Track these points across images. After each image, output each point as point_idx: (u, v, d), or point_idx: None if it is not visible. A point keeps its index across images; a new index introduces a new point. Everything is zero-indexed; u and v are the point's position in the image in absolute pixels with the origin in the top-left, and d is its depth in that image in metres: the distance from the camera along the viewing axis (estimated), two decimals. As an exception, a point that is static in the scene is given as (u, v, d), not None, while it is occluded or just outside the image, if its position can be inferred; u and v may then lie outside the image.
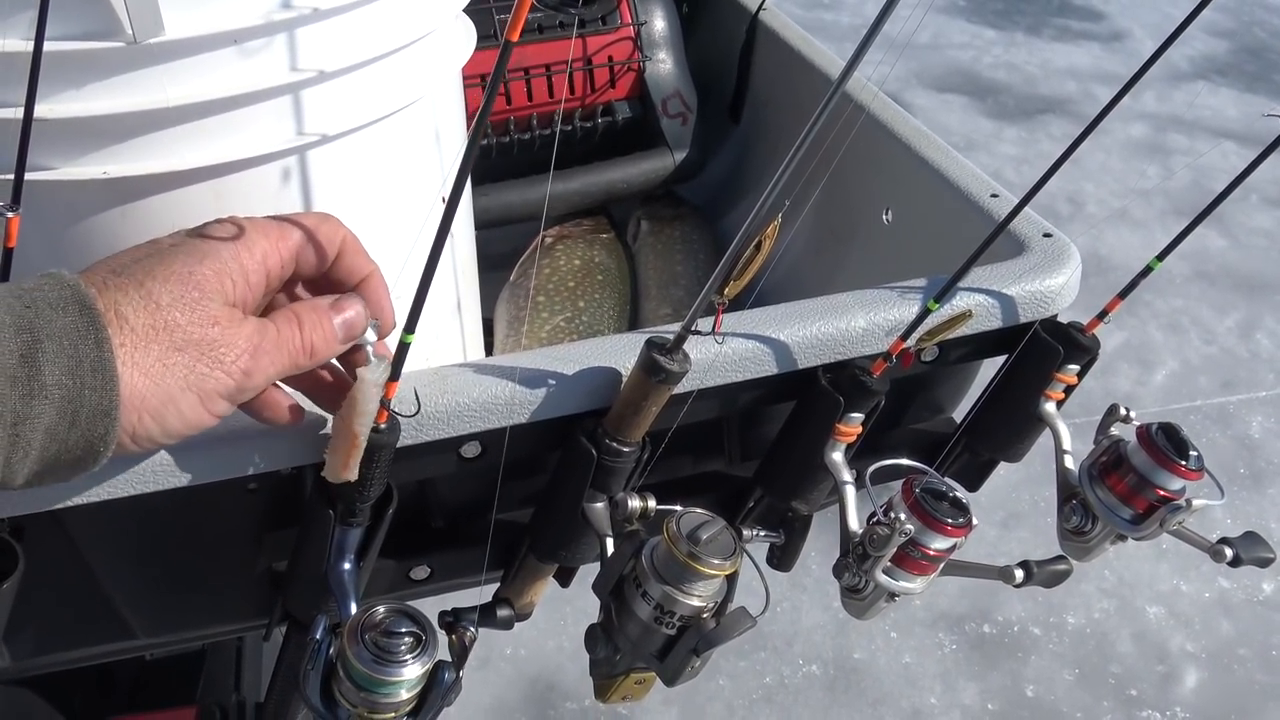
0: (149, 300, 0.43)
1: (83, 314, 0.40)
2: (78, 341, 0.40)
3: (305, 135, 0.55)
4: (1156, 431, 0.62)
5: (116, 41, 0.48)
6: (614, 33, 1.04)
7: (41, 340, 0.39)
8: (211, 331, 0.44)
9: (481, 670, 1.72)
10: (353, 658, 0.50)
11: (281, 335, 0.47)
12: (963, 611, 1.89)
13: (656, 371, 0.55)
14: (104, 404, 0.41)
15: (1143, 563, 2.00)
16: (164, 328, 0.43)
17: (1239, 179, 0.59)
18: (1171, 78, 3.88)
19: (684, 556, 0.53)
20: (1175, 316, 2.65)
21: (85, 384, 0.40)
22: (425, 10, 0.60)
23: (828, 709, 1.73)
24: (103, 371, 0.41)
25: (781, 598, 1.89)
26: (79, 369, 0.40)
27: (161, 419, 0.44)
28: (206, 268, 0.44)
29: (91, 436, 0.41)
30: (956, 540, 0.59)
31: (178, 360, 0.43)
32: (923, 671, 1.79)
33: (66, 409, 0.40)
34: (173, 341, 0.43)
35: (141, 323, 0.42)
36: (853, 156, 0.92)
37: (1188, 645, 1.86)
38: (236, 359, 0.45)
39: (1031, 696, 1.76)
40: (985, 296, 0.67)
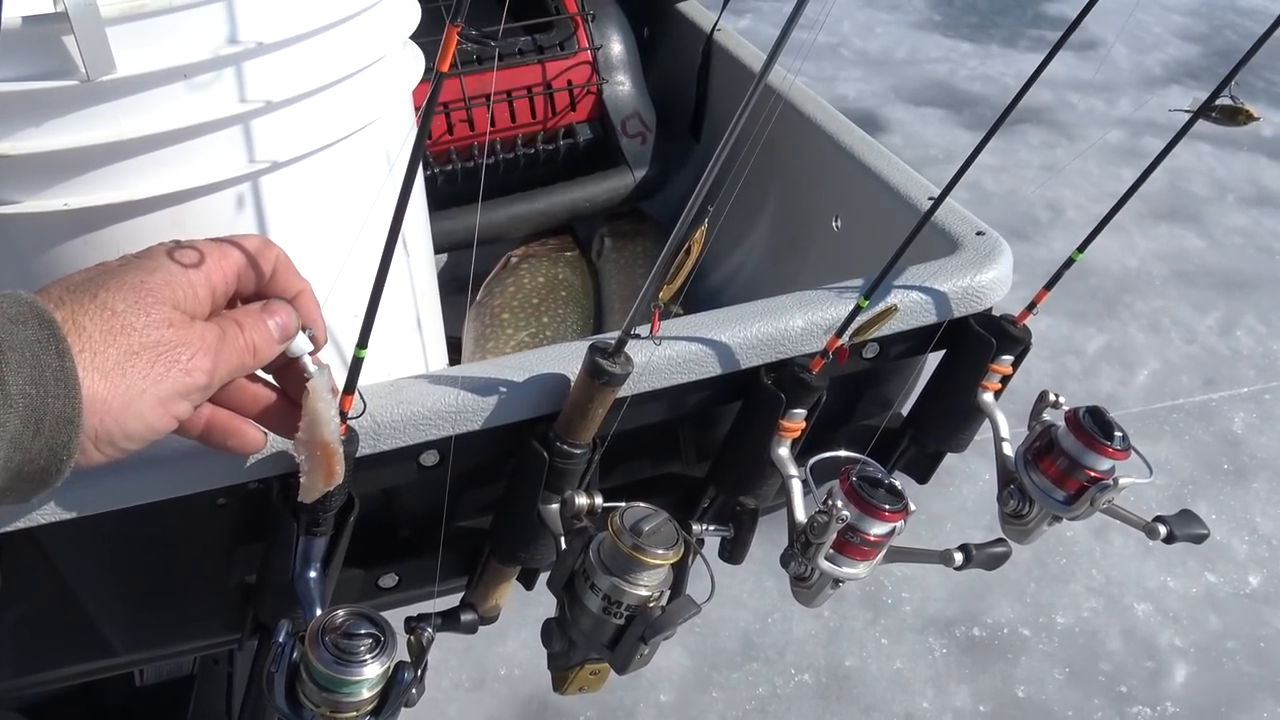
0: (104, 308, 0.45)
1: (42, 326, 0.42)
2: (39, 352, 0.42)
3: (257, 162, 0.58)
4: (1084, 415, 0.64)
5: (71, 80, 0.51)
6: (572, 57, 1.08)
7: (4, 352, 0.41)
8: (166, 333, 0.46)
9: (476, 691, 1.73)
10: (314, 659, 0.52)
11: (227, 335, 0.49)
12: (952, 615, 1.91)
13: (600, 374, 0.58)
14: (67, 411, 0.43)
15: (1130, 560, 2.01)
16: (120, 331, 0.45)
17: (1146, 172, 0.62)
18: (1145, 83, 3.93)
19: (628, 548, 0.55)
20: (1156, 317, 2.68)
21: (48, 392, 0.42)
22: (370, 40, 0.64)
23: (821, 717, 1.74)
24: (64, 380, 0.42)
25: (773, 608, 1.90)
26: (41, 378, 0.42)
27: (122, 421, 0.45)
28: (157, 278, 0.47)
29: (55, 444, 0.43)
30: (894, 525, 0.61)
31: (135, 363, 0.45)
32: (914, 676, 1.81)
33: (30, 417, 0.41)
34: (129, 345, 0.45)
35: (98, 329, 0.44)
36: (802, 168, 0.95)
37: (1176, 640, 1.87)
38: (191, 358, 0.47)
39: (1023, 697, 1.77)
40: (920, 293, 0.69)
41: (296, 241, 0.64)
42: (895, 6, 4.52)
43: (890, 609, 1.91)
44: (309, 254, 0.65)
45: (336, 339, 0.69)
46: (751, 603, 1.90)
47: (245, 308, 0.52)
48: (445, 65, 0.43)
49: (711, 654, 1.81)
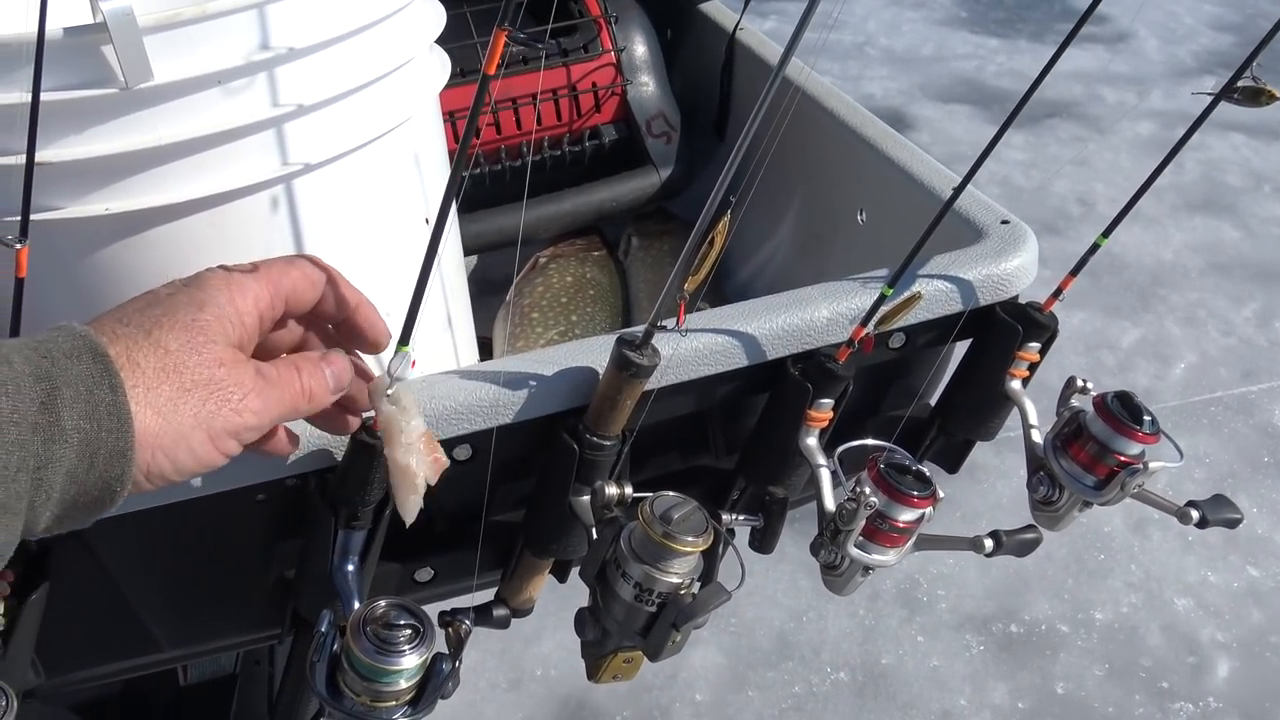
0: (158, 346, 0.46)
1: (96, 361, 0.43)
2: (93, 387, 0.43)
3: (290, 165, 0.60)
4: (1112, 400, 0.64)
5: (110, 89, 0.53)
6: (596, 59, 1.09)
7: (59, 387, 0.42)
8: (218, 373, 0.47)
9: (513, 692, 1.74)
10: (356, 649, 0.53)
11: (283, 379, 0.50)
12: (989, 612, 1.90)
13: (627, 366, 0.59)
14: (120, 445, 0.44)
15: (1170, 555, 1.99)
16: (173, 369, 0.46)
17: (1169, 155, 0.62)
18: (1178, 74, 3.89)
19: (659, 536, 0.56)
20: (1192, 309, 2.65)
21: (102, 426, 0.43)
22: (397, 44, 0.65)
23: (857, 715, 1.74)
24: (118, 415, 0.43)
25: (808, 606, 1.90)
26: (95, 413, 0.43)
27: (174, 456, 0.46)
28: (207, 314, 0.48)
29: (108, 477, 0.44)
30: (923, 511, 0.61)
31: (187, 400, 0.46)
32: (951, 673, 1.80)
33: (85, 451, 0.42)
34: (182, 383, 0.46)
35: (152, 365, 0.45)
36: (827, 162, 0.96)
37: (1218, 635, 1.85)
38: (243, 398, 0.48)
39: (1062, 694, 1.76)
40: (946, 282, 0.70)
41: (329, 241, 0.65)
42: (921, 4, 4.50)
43: (926, 606, 1.90)
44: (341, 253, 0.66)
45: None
46: (786, 602, 1.90)
47: (305, 355, 0.53)
48: (492, 68, 0.44)
49: (747, 653, 1.82)
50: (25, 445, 0.40)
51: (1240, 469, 2.17)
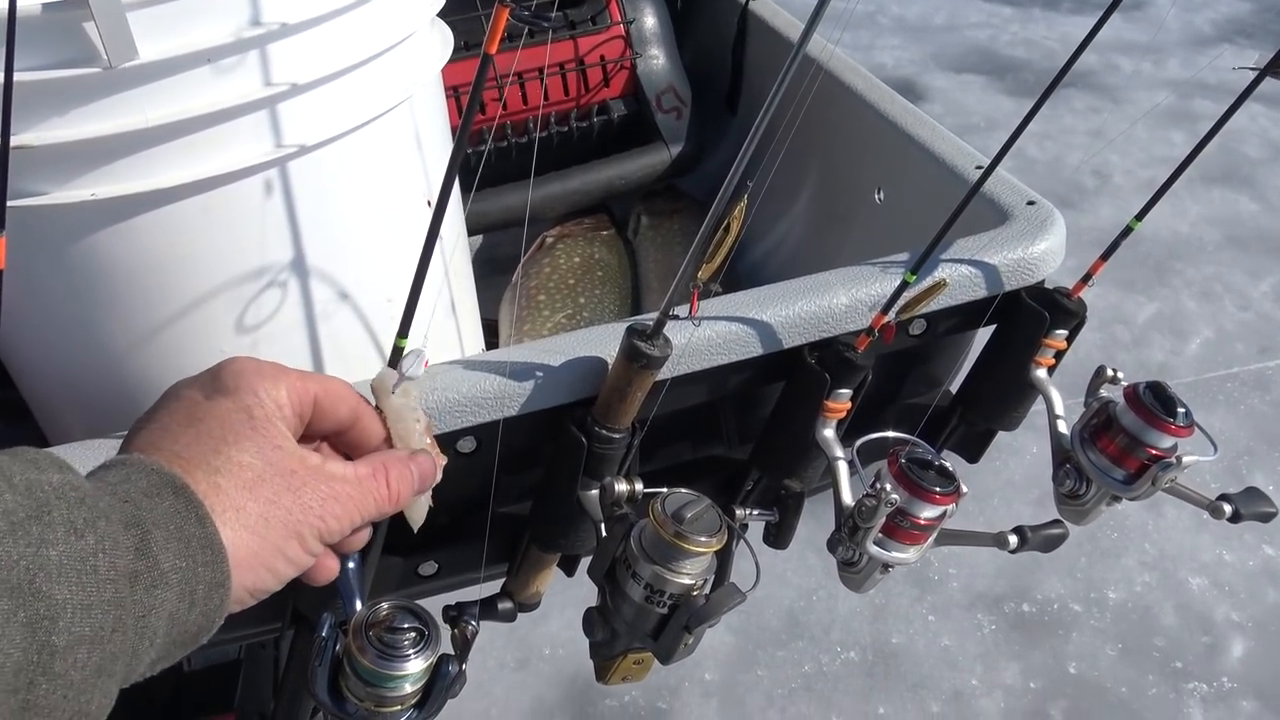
0: (231, 463, 0.44)
1: (178, 495, 0.42)
2: (182, 524, 0.41)
3: (284, 147, 0.57)
4: (1144, 391, 0.62)
5: (94, 68, 0.50)
6: (604, 32, 1.05)
7: (150, 530, 0.40)
8: (293, 479, 0.46)
9: (520, 671, 1.73)
10: (358, 654, 0.51)
11: (364, 485, 0.49)
12: (1001, 591, 1.88)
13: (638, 357, 0.56)
14: (217, 577, 0.42)
15: (1184, 534, 1.97)
16: (255, 484, 0.45)
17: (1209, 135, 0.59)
18: (1195, 42, 3.82)
19: (670, 536, 0.54)
20: (1208, 284, 2.61)
21: (198, 561, 0.41)
22: (396, 19, 0.62)
23: (868, 695, 1.72)
24: (211, 547, 0.42)
25: (818, 586, 1.88)
26: (189, 549, 0.41)
27: (274, 568, 0.46)
28: (258, 416, 0.46)
29: (209, 609, 0.43)
30: (946, 508, 0.59)
31: (274, 512, 0.45)
32: (963, 653, 1.78)
33: (185, 591, 0.41)
34: (266, 495, 0.45)
35: (234, 486, 0.44)
36: (843, 139, 0.92)
37: (1233, 615, 1.83)
38: (323, 503, 0.47)
39: (1075, 674, 1.74)
40: (969, 267, 0.67)
41: (327, 226, 0.63)
42: (934, -29, 4.42)
43: (937, 585, 1.88)
44: (340, 238, 0.64)
45: (371, 326, 0.68)
46: (796, 580, 1.88)
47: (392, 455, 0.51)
48: (493, 46, 0.42)
49: (756, 632, 1.80)
50: (122, 603, 0.38)
51: (1256, 446, 2.14)
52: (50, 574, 0.36)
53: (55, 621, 0.36)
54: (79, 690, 0.37)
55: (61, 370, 0.66)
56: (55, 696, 0.36)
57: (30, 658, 0.35)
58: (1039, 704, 1.69)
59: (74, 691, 0.37)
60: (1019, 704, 1.70)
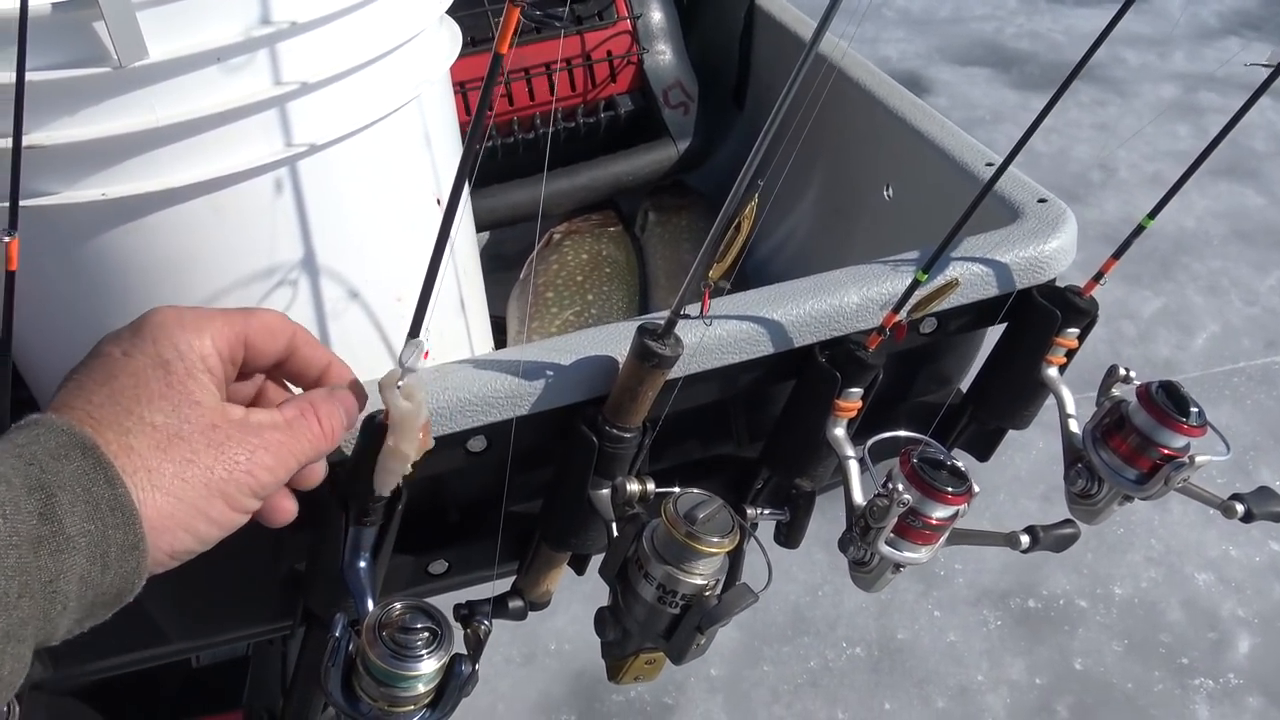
0: (144, 424, 0.43)
1: (86, 456, 0.41)
2: (90, 486, 0.40)
3: (295, 146, 0.57)
4: (1157, 390, 0.61)
5: (103, 67, 0.50)
6: (611, 27, 1.05)
7: (55, 493, 0.39)
8: (214, 434, 0.45)
9: (527, 666, 1.74)
10: (371, 654, 0.51)
11: (297, 424, 0.48)
12: (1006, 587, 1.88)
13: (649, 356, 0.56)
14: (130, 539, 0.41)
15: (1190, 530, 1.97)
16: (169, 443, 0.43)
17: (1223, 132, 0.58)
18: (1201, 35, 3.81)
19: (682, 536, 0.54)
20: (1214, 278, 2.61)
21: (107, 524, 0.40)
22: (406, 16, 0.62)
23: (873, 690, 1.73)
24: (121, 509, 0.41)
25: (823, 581, 1.88)
26: (98, 512, 0.40)
27: (194, 530, 0.44)
28: (176, 372, 0.45)
29: (124, 572, 0.42)
30: (958, 508, 0.59)
31: (192, 471, 0.44)
32: (968, 649, 1.78)
33: (96, 554, 0.40)
34: (181, 455, 0.44)
35: (146, 446, 0.43)
36: (851, 134, 0.92)
37: (1239, 611, 1.83)
38: (250, 455, 0.46)
39: (1080, 669, 1.75)
40: (979, 265, 0.67)
41: (336, 225, 0.63)
42: (938, -36, 4.41)
43: (943, 581, 1.88)
44: (348, 237, 0.64)
45: (380, 324, 0.68)
46: (801, 575, 1.88)
47: (317, 394, 0.50)
48: (504, 46, 0.41)
49: (762, 627, 1.80)
50: (26, 569, 0.38)
51: (1263, 441, 2.13)
52: None
53: None
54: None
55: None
56: None
57: None
58: (1045, 700, 1.70)
59: None
60: (1025, 700, 1.70)
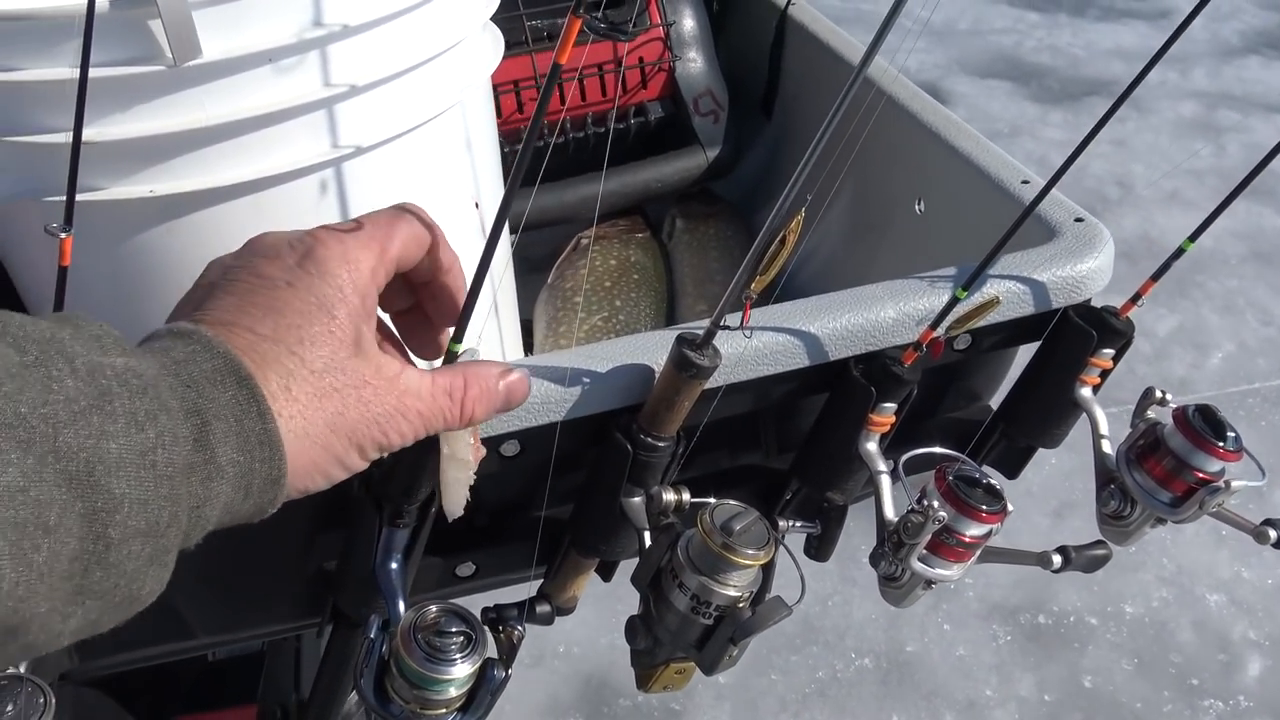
0: (304, 367, 0.44)
1: (240, 386, 0.41)
2: (242, 417, 0.41)
3: (340, 148, 0.57)
4: (1194, 414, 0.61)
5: (158, 65, 0.50)
6: (644, 34, 1.05)
7: (210, 421, 0.40)
8: (365, 391, 0.45)
9: (535, 669, 1.74)
10: (406, 656, 0.51)
11: (438, 402, 0.48)
12: (1017, 602, 1.87)
13: (687, 366, 0.56)
14: (274, 473, 0.42)
15: (1202, 550, 1.96)
16: (325, 394, 0.44)
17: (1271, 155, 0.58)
18: (1222, 53, 3.80)
19: (718, 547, 0.54)
20: (1230, 298, 2.60)
21: (255, 457, 0.41)
22: (453, 21, 0.62)
23: (881, 702, 1.72)
24: (269, 444, 0.42)
25: (833, 591, 1.88)
26: (247, 444, 0.41)
27: (328, 474, 0.46)
28: (340, 317, 0.45)
29: (262, 501, 0.43)
30: (992, 526, 0.59)
31: (340, 422, 0.45)
32: (977, 663, 1.78)
33: (240, 483, 0.41)
34: (334, 407, 0.45)
35: (306, 393, 0.44)
36: (883, 147, 0.92)
37: (1250, 633, 1.82)
38: (391, 417, 0.46)
39: (1090, 687, 1.74)
40: (1016, 283, 0.67)
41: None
42: (959, -25, 4.41)
43: (953, 595, 1.88)
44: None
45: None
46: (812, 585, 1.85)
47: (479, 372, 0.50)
48: (565, 56, 0.41)
49: (771, 636, 1.79)
50: (178, 498, 0.39)
51: (1278, 463, 2.12)
52: (109, 467, 0.36)
53: (112, 515, 0.36)
54: (131, 578, 0.38)
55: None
56: (108, 584, 0.37)
57: (86, 547, 0.36)
58: (1053, 716, 1.69)
59: (126, 579, 0.38)
60: (1033, 716, 1.69)
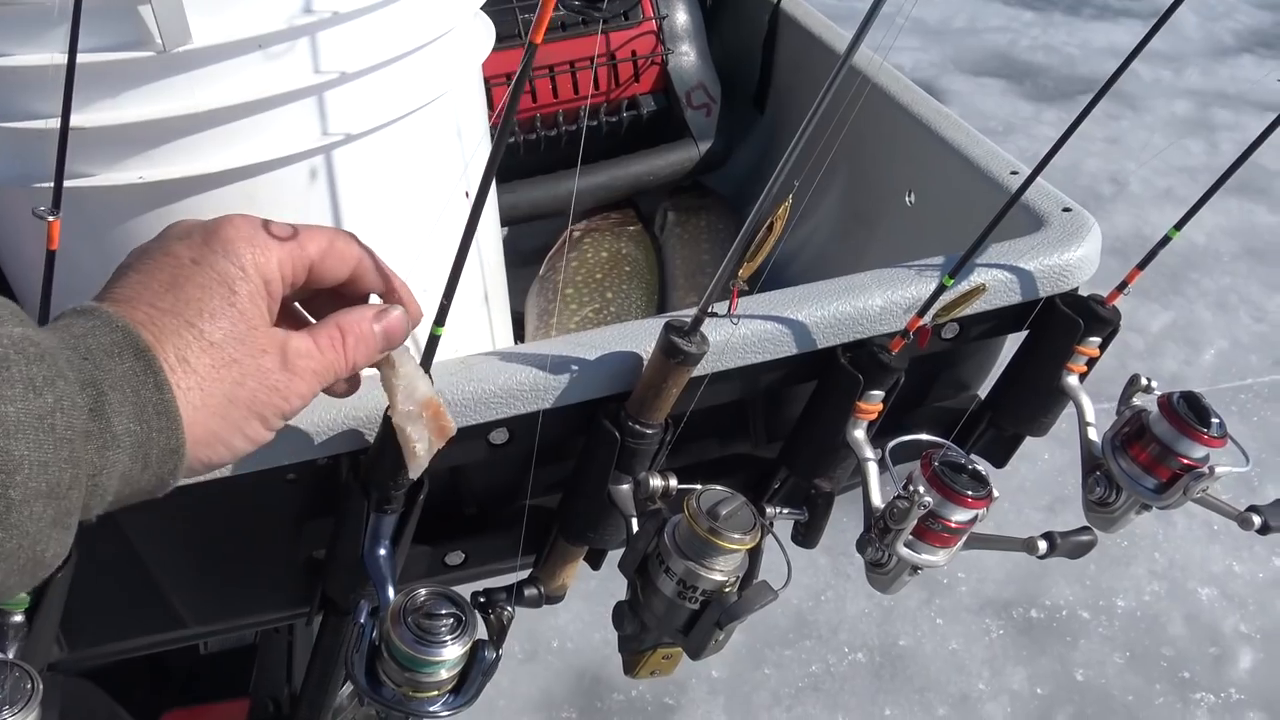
0: (203, 340, 0.45)
1: (138, 358, 0.42)
2: (139, 388, 0.42)
3: (330, 135, 0.57)
4: (1178, 400, 0.62)
5: (147, 51, 0.51)
6: (636, 27, 1.06)
7: (106, 392, 0.41)
8: (263, 360, 0.47)
9: (529, 663, 1.74)
10: (396, 639, 0.52)
11: (323, 353, 0.49)
12: (1009, 596, 1.88)
13: (675, 353, 0.57)
14: (171, 443, 0.43)
15: (1194, 544, 1.97)
16: (224, 364, 0.45)
17: (1253, 146, 0.59)
18: (1216, 52, 3.81)
19: (704, 532, 0.54)
20: (1224, 294, 2.61)
21: (152, 427, 0.42)
22: (444, 9, 0.62)
23: (874, 696, 1.73)
24: (166, 414, 0.43)
25: (826, 585, 1.89)
26: (144, 414, 0.42)
27: (231, 446, 0.47)
28: (241, 294, 0.46)
29: (162, 473, 0.44)
30: (977, 512, 0.59)
31: (239, 393, 0.46)
32: (970, 657, 1.78)
33: (138, 453, 0.42)
34: (233, 377, 0.46)
35: (203, 364, 0.45)
36: (874, 140, 0.92)
37: (1241, 626, 1.83)
38: (289, 381, 0.48)
39: (1082, 680, 1.75)
40: (1003, 272, 0.67)
41: (367, 214, 0.63)
42: (954, -27, 4.41)
43: (946, 589, 1.88)
44: (379, 228, 0.64)
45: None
46: (804, 580, 1.88)
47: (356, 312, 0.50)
48: (539, 36, 0.42)
49: (764, 630, 1.81)
50: (78, 461, 0.40)
51: (1270, 458, 2.13)
52: (8, 430, 0.37)
53: (12, 476, 0.37)
54: (34, 540, 0.39)
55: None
56: (10, 545, 0.38)
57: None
58: (1045, 710, 1.70)
59: (29, 540, 0.38)
60: (1025, 709, 1.70)
